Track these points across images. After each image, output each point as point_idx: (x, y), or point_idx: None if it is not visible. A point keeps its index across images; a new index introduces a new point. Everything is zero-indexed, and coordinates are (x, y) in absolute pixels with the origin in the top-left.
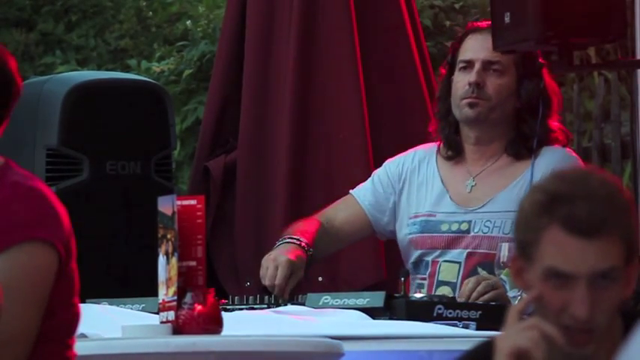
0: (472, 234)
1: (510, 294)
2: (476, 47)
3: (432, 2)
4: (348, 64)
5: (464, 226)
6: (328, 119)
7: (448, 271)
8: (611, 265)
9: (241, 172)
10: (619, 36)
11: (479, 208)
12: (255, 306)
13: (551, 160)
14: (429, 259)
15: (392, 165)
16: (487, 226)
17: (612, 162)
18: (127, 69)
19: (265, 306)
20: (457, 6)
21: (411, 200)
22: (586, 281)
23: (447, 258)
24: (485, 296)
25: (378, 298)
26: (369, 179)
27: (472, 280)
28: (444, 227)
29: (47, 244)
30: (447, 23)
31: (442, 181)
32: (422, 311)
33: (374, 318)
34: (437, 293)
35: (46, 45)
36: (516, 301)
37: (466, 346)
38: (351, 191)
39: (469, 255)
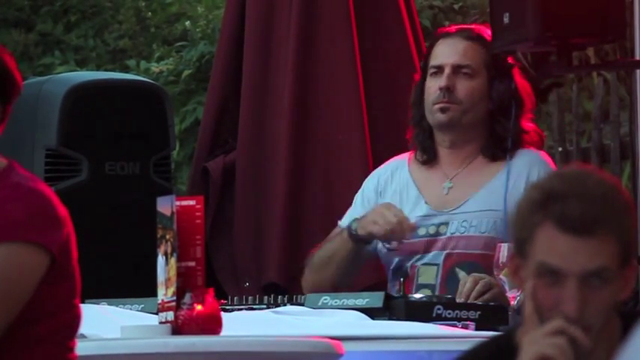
0: (448, 235)
1: (510, 294)
2: (445, 52)
3: (432, 3)
4: (347, 64)
5: (441, 229)
6: (327, 120)
7: (427, 274)
8: (603, 264)
9: (240, 172)
10: (618, 36)
11: (455, 208)
12: (255, 306)
13: (526, 162)
14: (409, 264)
15: (369, 181)
16: (463, 226)
17: (611, 162)
18: (126, 69)
19: (264, 306)
20: (456, 6)
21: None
22: (577, 279)
23: (425, 261)
24: (485, 296)
25: (377, 299)
26: (353, 204)
27: (470, 280)
28: (421, 231)
29: (37, 247)
30: (447, 24)
31: (417, 187)
32: (421, 311)
33: (373, 318)
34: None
35: (45, 45)
36: (516, 301)
37: (465, 346)
38: (339, 223)
39: (447, 256)
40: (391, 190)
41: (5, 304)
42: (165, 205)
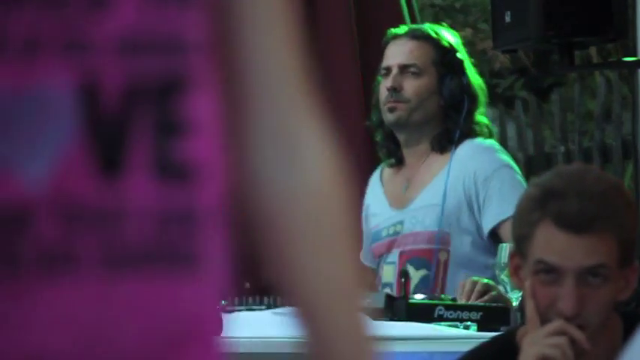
0: (402, 233)
1: (511, 295)
2: (393, 53)
3: (433, 1)
4: (348, 64)
5: (398, 228)
6: (327, 120)
7: (388, 273)
8: (600, 261)
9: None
10: (620, 35)
11: (407, 206)
12: (255, 307)
13: (467, 152)
14: (379, 265)
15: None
16: (412, 223)
17: (614, 162)
18: None
19: (264, 307)
20: (457, 5)
21: (368, 219)
22: (574, 277)
23: (387, 260)
24: (486, 297)
25: (378, 299)
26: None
27: (468, 281)
28: (384, 232)
29: None
30: (448, 22)
31: (384, 192)
32: (422, 312)
33: (374, 319)
34: None
35: None
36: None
37: (467, 347)
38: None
39: (400, 254)
40: (369, 200)
41: None
42: None
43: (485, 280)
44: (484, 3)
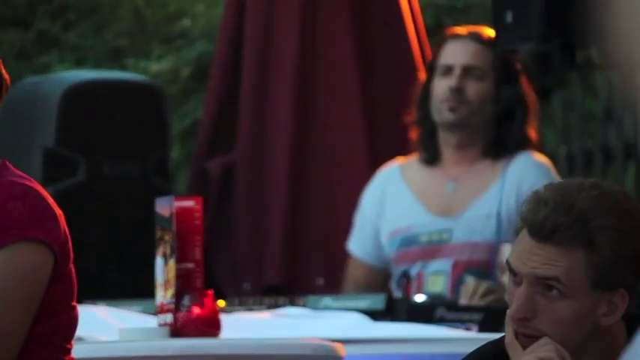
0: (454, 242)
1: None
2: (455, 52)
3: (434, 1)
4: (348, 63)
5: (445, 236)
6: (328, 120)
7: (436, 283)
8: (553, 275)
9: (240, 172)
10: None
11: (459, 214)
12: (255, 308)
13: (521, 166)
14: (414, 272)
15: (365, 203)
16: (468, 232)
17: (615, 163)
18: (124, 68)
19: (264, 308)
20: (459, 5)
21: (386, 220)
22: (527, 282)
23: (432, 269)
24: (487, 298)
25: (378, 301)
26: (355, 226)
27: (470, 283)
28: (424, 238)
29: (42, 244)
30: (449, 22)
31: (413, 193)
32: (423, 314)
33: (375, 320)
34: None
35: (43, 44)
36: None
37: (469, 348)
38: (348, 247)
39: (455, 264)
40: (387, 200)
41: (28, 309)
42: (164, 206)
43: (488, 283)
44: (485, 3)
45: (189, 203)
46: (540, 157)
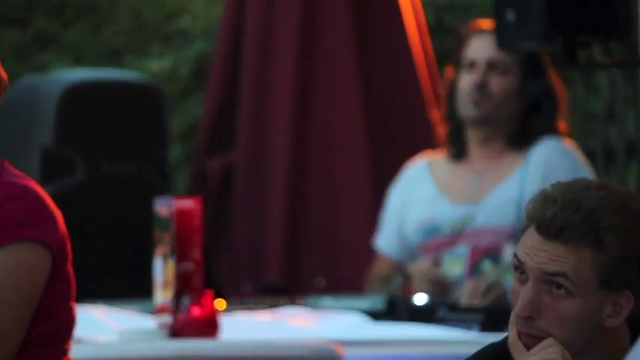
0: (475, 227)
1: None
2: (479, 47)
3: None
4: (348, 63)
5: (466, 222)
6: (328, 120)
7: (455, 266)
8: (561, 271)
9: (240, 172)
10: (624, 34)
11: (481, 201)
12: (254, 308)
13: (546, 149)
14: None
15: (392, 198)
16: (488, 216)
17: (617, 162)
18: (123, 67)
19: (264, 308)
20: (460, 3)
21: (411, 213)
22: (535, 279)
23: (452, 253)
24: (490, 294)
25: (379, 301)
26: (382, 223)
27: (472, 281)
28: (447, 228)
29: (40, 245)
30: (450, 21)
31: (439, 187)
32: (424, 314)
33: (375, 320)
34: None
35: (41, 43)
36: None
37: (470, 349)
38: (376, 243)
39: (474, 248)
40: (412, 193)
41: (26, 309)
42: (163, 206)
43: (489, 280)
44: (486, 1)
45: (188, 203)
46: (566, 142)
